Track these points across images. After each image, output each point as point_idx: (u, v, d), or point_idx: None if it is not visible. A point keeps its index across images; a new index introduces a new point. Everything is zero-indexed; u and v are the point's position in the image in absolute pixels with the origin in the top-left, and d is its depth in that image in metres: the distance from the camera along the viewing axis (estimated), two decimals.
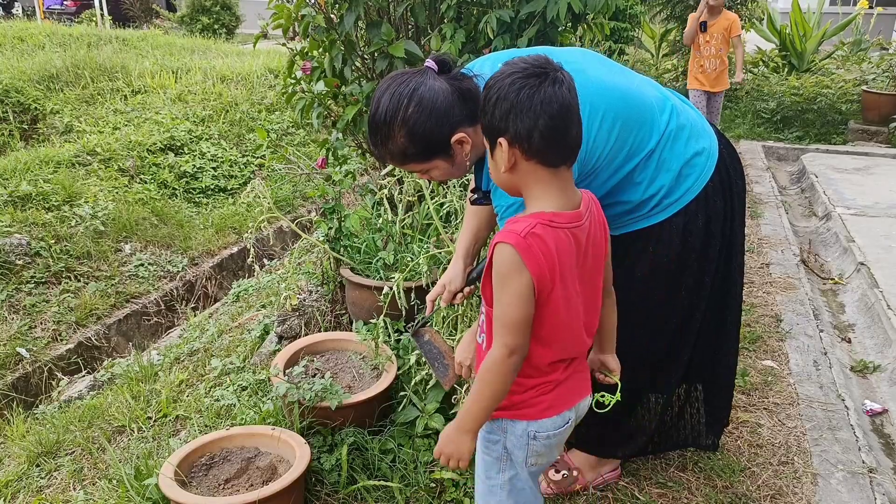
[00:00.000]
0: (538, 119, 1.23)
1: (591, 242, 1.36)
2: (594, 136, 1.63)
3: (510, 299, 1.27)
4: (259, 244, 5.06)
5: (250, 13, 12.47)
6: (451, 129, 1.56)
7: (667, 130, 1.74)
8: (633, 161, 1.71)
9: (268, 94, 7.63)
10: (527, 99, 1.23)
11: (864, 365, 3.07)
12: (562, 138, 1.27)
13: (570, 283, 1.33)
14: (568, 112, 1.25)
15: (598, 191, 1.69)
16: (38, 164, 5.25)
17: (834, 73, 8.63)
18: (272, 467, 2.02)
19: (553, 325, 1.33)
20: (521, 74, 1.25)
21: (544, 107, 1.23)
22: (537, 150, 1.27)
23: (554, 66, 1.27)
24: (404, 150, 1.58)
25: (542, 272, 1.26)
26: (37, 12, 13.74)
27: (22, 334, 3.85)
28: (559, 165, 1.30)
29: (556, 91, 1.24)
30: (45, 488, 2.42)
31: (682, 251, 1.81)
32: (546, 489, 2.08)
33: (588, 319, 1.42)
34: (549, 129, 1.24)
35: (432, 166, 1.63)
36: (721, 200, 1.83)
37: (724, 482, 2.17)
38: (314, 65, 3.18)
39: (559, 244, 1.28)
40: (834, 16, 10.51)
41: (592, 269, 1.39)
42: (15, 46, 8.44)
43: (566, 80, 1.26)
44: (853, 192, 5.29)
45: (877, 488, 2.18)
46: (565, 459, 2.12)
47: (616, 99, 1.66)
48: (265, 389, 2.59)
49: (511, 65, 1.27)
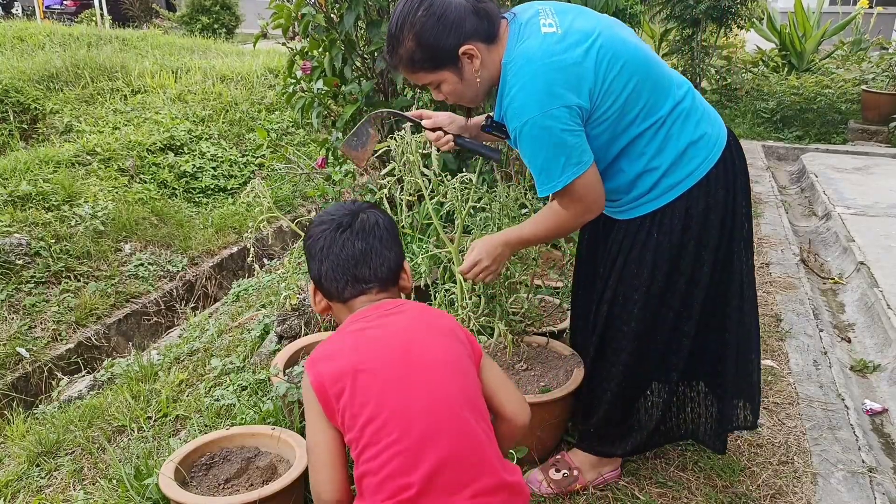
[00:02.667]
0: (321, 265, 1.43)
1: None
2: (611, 80, 1.67)
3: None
4: (259, 244, 5.06)
5: (250, 13, 12.48)
6: (460, 40, 1.62)
7: (680, 105, 1.78)
8: (644, 124, 1.74)
9: (268, 94, 7.63)
10: (318, 248, 1.44)
11: (864, 364, 3.07)
12: (345, 276, 1.43)
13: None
14: (353, 256, 1.42)
15: (605, 153, 1.76)
16: (38, 163, 5.24)
17: (834, 72, 8.63)
18: (272, 467, 2.02)
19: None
20: (328, 224, 1.44)
21: (325, 253, 1.42)
22: (326, 292, 1.46)
23: (361, 208, 1.47)
24: (412, 55, 1.64)
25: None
26: (37, 12, 13.73)
27: (22, 334, 3.85)
28: (351, 299, 1.44)
29: (347, 237, 1.41)
30: (45, 488, 2.42)
31: (683, 236, 1.82)
32: (546, 489, 2.07)
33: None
34: (331, 272, 1.43)
35: (441, 78, 1.69)
36: (723, 191, 1.83)
37: (724, 482, 2.17)
38: (314, 64, 3.18)
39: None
40: (834, 15, 10.51)
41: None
42: (15, 46, 8.43)
43: (368, 221, 1.44)
44: (853, 192, 5.29)
45: (877, 488, 2.18)
46: (565, 459, 2.12)
47: (638, 56, 1.71)
48: (265, 389, 2.59)
49: (324, 214, 1.48)
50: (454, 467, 1.24)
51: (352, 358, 1.30)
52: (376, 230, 1.42)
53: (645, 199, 1.83)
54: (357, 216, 1.43)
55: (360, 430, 1.25)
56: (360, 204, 1.47)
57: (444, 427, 1.26)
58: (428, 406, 1.26)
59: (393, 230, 1.46)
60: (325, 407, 1.30)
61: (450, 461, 1.24)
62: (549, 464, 2.13)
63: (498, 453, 1.33)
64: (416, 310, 1.43)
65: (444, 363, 1.32)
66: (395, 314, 1.39)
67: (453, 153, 3.38)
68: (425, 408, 1.26)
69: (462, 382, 1.32)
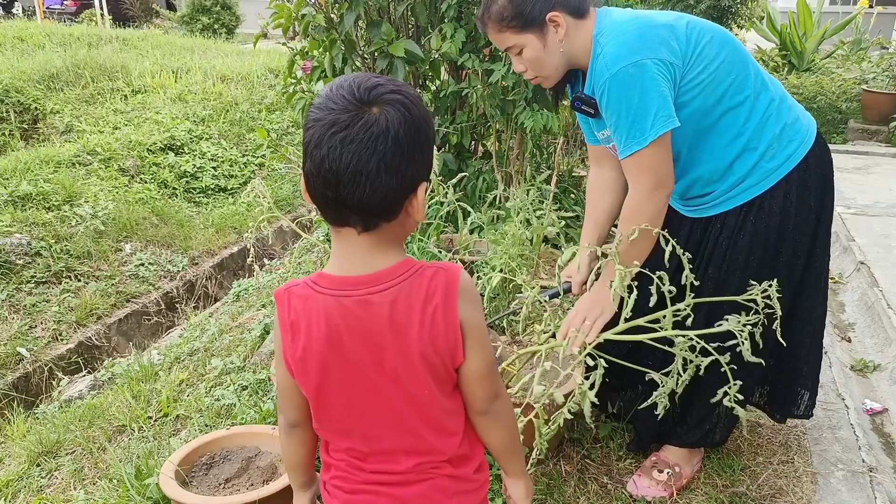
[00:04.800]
0: (307, 162, 1.02)
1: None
2: (703, 46, 1.72)
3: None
4: (259, 244, 5.07)
5: (250, 13, 12.47)
6: (548, 5, 1.69)
7: (774, 88, 1.84)
8: (737, 97, 1.77)
9: (268, 94, 7.63)
10: (307, 140, 1.01)
11: (864, 364, 3.07)
12: (325, 196, 1.01)
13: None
14: (337, 172, 0.98)
15: (698, 125, 1.77)
16: (39, 163, 5.25)
17: (834, 72, 8.63)
18: (272, 467, 2.02)
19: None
20: (324, 114, 1.00)
21: (310, 152, 1.00)
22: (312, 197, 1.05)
23: (374, 101, 0.99)
24: (502, 11, 1.71)
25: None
26: (37, 12, 13.73)
27: (22, 334, 3.85)
28: (334, 225, 1.05)
29: (337, 143, 0.97)
30: (45, 488, 2.42)
31: (782, 223, 1.83)
32: (658, 491, 2.05)
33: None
34: (311, 179, 1.02)
35: (525, 41, 1.74)
36: (818, 176, 1.86)
37: (724, 481, 2.17)
38: (314, 64, 3.18)
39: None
40: (834, 15, 10.50)
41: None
42: (15, 46, 8.43)
43: (374, 125, 0.98)
44: (853, 192, 5.29)
45: (877, 487, 2.18)
46: (662, 458, 2.11)
47: (724, 33, 1.79)
48: (265, 389, 2.59)
49: (332, 91, 1.02)
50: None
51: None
52: (380, 142, 0.97)
53: (744, 186, 1.83)
54: (362, 115, 0.98)
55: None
56: (380, 90, 1.00)
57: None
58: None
59: (409, 142, 1.00)
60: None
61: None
62: (646, 468, 2.13)
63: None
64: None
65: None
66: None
67: (453, 153, 3.39)
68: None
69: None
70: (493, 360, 1.14)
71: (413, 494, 1.15)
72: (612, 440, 2.32)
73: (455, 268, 1.09)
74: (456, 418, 1.15)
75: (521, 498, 1.27)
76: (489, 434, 1.19)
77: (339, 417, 1.12)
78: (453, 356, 1.08)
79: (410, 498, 1.15)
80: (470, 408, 1.15)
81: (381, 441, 1.13)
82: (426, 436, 1.12)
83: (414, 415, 1.11)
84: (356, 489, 1.16)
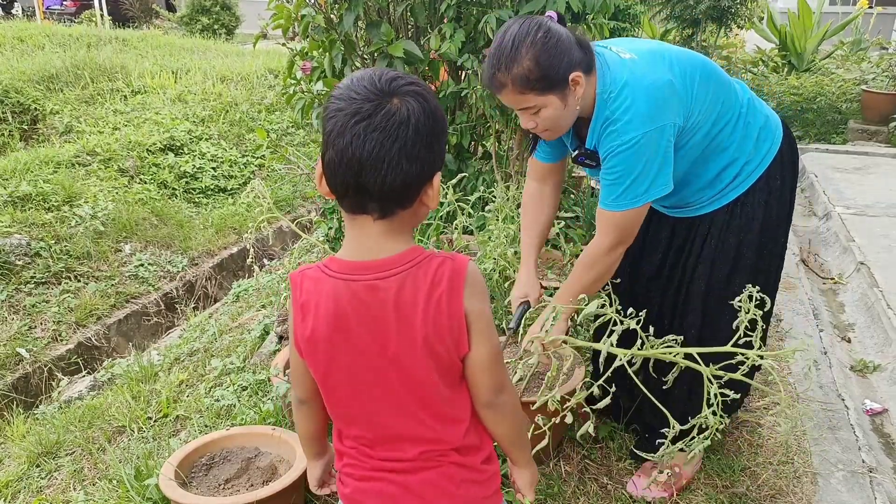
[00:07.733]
0: (327, 150, 1.04)
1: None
2: (695, 91, 1.77)
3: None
4: (259, 244, 5.07)
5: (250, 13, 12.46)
6: (570, 66, 1.67)
7: (744, 95, 1.92)
8: (725, 118, 1.85)
9: (268, 94, 7.64)
10: (328, 130, 1.04)
11: (864, 364, 3.07)
12: (346, 183, 1.04)
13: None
14: (359, 159, 1.01)
15: (693, 156, 1.85)
16: (38, 164, 5.24)
17: (834, 72, 8.63)
18: (272, 467, 2.02)
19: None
20: (346, 105, 1.03)
21: (332, 141, 1.03)
22: (330, 186, 1.08)
23: (396, 91, 1.03)
24: (528, 74, 1.64)
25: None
26: (37, 12, 13.73)
27: (22, 334, 3.85)
28: (351, 213, 1.08)
29: (359, 132, 1.01)
30: (45, 488, 2.42)
31: (765, 212, 1.94)
32: (658, 491, 2.06)
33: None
34: (332, 167, 1.05)
35: (546, 102, 1.70)
36: (791, 164, 1.98)
37: (724, 482, 2.17)
38: (314, 65, 3.18)
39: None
40: (834, 15, 10.51)
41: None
42: (15, 47, 8.43)
43: (396, 114, 1.02)
44: (853, 192, 5.29)
45: (877, 488, 2.18)
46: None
47: (703, 64, 1.83)
48: (265, 389, 2.59)
49: (353, 82, 1.05)
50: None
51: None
52: (401, 130, 1.02)
53: (730, 188, 1.92)
54: (384, 105, 1.02)
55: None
56: (399, 81, 1.05)
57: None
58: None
59: (427, 131, 1.05)
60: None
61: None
62: (646, 468, 2.14)
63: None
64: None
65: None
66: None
67: (453, 154, 3.38)
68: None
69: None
70: (499, 351, 1.16)
71: (420, 482, 1.17)
72: (611, 441, 2.32)
73: (463, 258, 1.11)
74: (458, 407, 1.17)
75: (526, 485, 1.33)
76: (496, 427, 1.22)
77: (345, 402, 1.15)
78: (458, 345, 1.10)
79: (418, 485, 1.17)
80: (476, 400, 1.17)
81: (386, 427, 1.15)
82: (429, 422, 1.14)
83: (415, 401, 1.13)
84: (366, 476, 1.19)
